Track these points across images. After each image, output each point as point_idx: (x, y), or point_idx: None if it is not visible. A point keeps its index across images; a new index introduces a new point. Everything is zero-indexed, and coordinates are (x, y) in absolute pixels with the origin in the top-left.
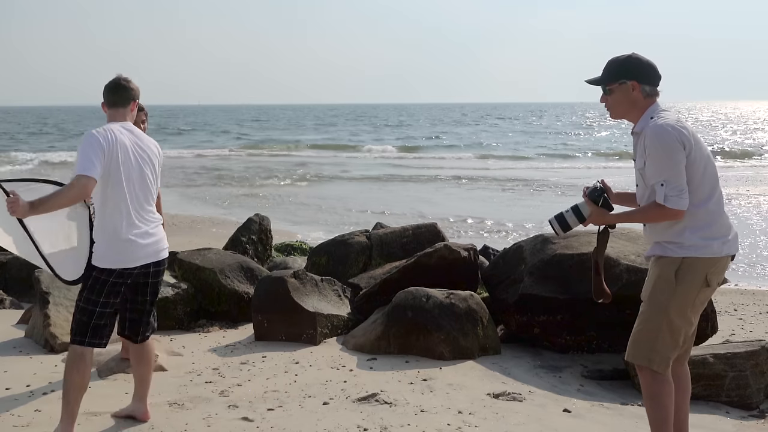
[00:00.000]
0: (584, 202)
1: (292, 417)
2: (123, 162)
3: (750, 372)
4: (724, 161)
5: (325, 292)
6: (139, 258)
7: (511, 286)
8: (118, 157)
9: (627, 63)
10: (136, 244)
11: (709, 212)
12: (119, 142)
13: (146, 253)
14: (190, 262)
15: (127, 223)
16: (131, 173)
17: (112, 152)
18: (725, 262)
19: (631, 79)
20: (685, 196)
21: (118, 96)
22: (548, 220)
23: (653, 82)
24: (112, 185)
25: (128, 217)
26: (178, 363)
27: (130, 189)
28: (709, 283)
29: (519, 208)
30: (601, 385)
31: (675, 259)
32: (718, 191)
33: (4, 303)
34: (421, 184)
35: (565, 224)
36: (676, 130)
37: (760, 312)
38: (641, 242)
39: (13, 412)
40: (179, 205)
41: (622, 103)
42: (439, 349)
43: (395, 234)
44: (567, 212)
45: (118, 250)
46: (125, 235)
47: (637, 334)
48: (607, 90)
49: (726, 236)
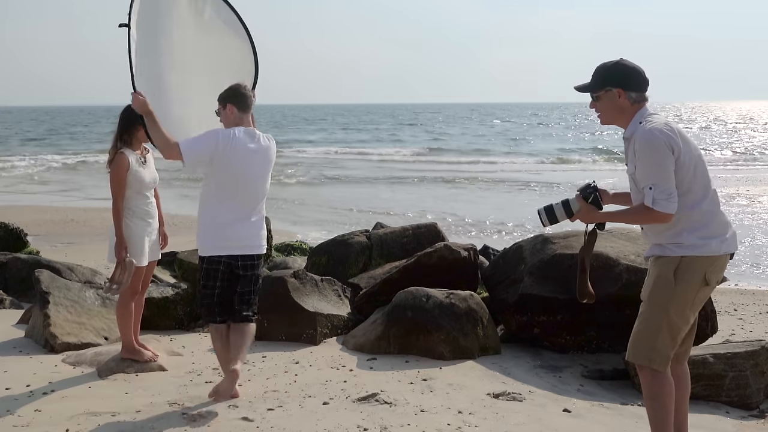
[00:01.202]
0: (575, 198)
1: (292, 417)
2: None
3: (750, 372)
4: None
5: (325, 292)
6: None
7: (511, 286)
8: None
9: (613, 70)
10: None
11: (704, 212)
12: (239, 141)
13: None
14: (190, 262)
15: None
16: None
17: (226, 149)
18: (724, 260)
19: (616, 87)
20: (673, 199)
21: (247, 104)
22: (537, 210)
23: (640, 89)
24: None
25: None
26: (178, 363)
27: (240, 187)
28: (708, 281)
29: (519, 208)
30: (601, 385)
31: (673, 258)
32: (712, 190)
33: (4, 303)
34: (421, 184)
35: (552, 216)
36: (664, 134)
37: (760, 312)
38: (641, 242)
39: (13, 412)
40: (179, 205)
41: (609, 110)
42: (439, 349)
43: (395, 234)
44: (556, 205)
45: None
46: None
47: (636, 334)
48: (595, 97)
49: (724, 234)
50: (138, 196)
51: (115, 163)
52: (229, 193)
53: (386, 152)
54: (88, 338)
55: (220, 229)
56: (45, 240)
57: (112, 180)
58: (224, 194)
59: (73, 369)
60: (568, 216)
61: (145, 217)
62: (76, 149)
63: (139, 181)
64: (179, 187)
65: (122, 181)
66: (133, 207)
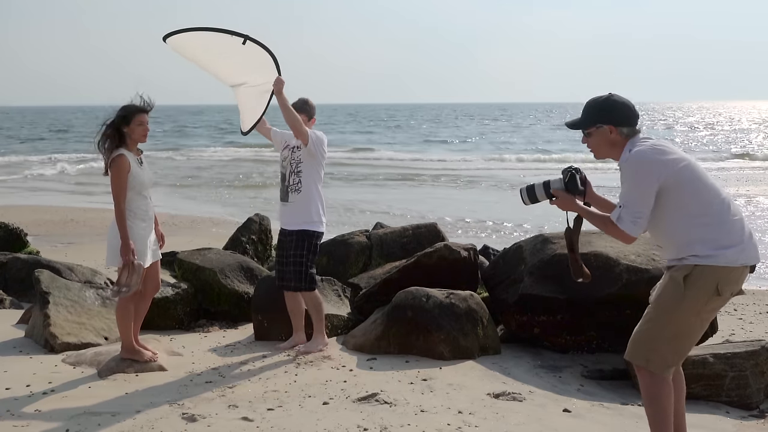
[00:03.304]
0: (557, 179)
1: (292, 417)
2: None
3: (750, 372)
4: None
5: (325, 292)
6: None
7: (511, 286)
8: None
9: (604, 106)
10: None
11: (713, 222)
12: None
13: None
14: (190, 262)
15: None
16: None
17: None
18: (740, 272)
19: (607, 124)
20: (639, 223)
21: (310, 114)
22: (519, 189)
23: (630, 123)
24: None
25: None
26: (178, 363)
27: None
28: (720, 292)
29: (519, 208)
30: (601, 385)
31: (687, 266)
32: (722, 200)
33: (4, 303)
34: (421, 184)
35: (533, 196)
36: (649, 157)
37: (760, 312)
38: (641, 242)
39: (13, 412)
40: (179, 205)
41: (601, 145)
42: (439, 349)
43: (395, 234)
44: (537, 185)
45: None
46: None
47: (637, 334)
48: (586, 133)
49: (740, 245)
50: (138, 197)
51: (116, 164)
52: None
53: (386, 152)
54: (88, 338)
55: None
56: (45, 240)
57: (114, 182)
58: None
59: (73, 369)
60: (548, 197)
61: (145, 218)
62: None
63: (140, 182)
64: (179, 187)
65: (124, 183)
66: (134, 208)
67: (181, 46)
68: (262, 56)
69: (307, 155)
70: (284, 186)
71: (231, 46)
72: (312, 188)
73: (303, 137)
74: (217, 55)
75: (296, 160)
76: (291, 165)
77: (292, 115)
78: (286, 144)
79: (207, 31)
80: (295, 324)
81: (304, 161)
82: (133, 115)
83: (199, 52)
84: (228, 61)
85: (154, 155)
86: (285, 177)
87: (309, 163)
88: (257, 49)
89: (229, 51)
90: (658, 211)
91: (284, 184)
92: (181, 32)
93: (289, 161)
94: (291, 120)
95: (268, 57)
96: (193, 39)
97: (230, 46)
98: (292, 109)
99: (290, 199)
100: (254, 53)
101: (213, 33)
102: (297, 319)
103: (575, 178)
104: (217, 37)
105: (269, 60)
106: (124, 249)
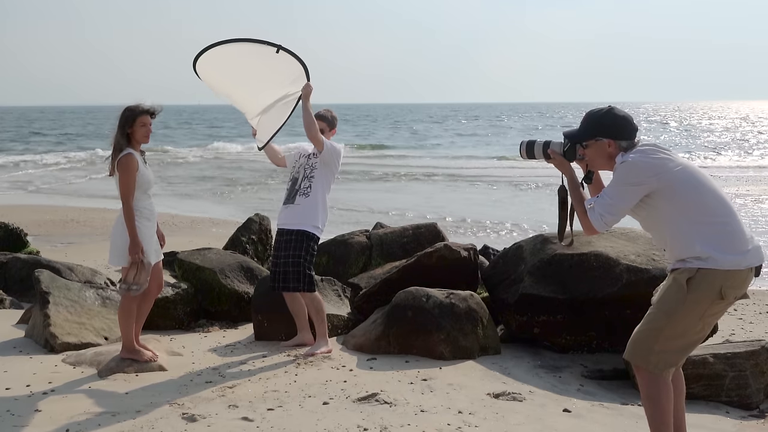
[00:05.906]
0: (558, 143)
1: (292, 417)
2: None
3: (750, 372)
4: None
5: (325, 292)
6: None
7: (511, 286)
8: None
9: (604, 120)
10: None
11: (715, 225)
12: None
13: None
14: (190, 262)
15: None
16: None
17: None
18: (744, 275)
19: (606, 137)
20: (607, 219)
21: (331, 124)
22: (520, 141)
23: (629, 137)
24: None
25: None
26: (178, 363)
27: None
28: (724, 296)
29: (519, 208)
30: (601, 385)
31: (691, 269)
32: (719, 204)
33: (4, 303)
34: (421, 184)
35: (531, 151)
36: (640, 161)
37: (760, 312)
38: (641, 242)
39: (13, 412)
40: (179, 205)
41: (598, 158)
42: (439, 349)
43: (395, 234)
44: (538, 142)
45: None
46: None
47: (637, 334)
48: (584, 145)
49: (744, 247)
50: (144, 197)
51: (125, 164)
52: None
53: (386, 152)
54: (88, 338)
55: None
56: (45, 240)
57: (122, 182)
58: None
59: (73, 369)
60: (545, 156)
61: (150, 217)
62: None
63: (146, 181)
64: (180, 186)
65: (133, 182)
66: (140, 208)
67: (210, 70)
68: (292, 66)
69: (323, 164)
70: (293, 189)
71: (263, 57)
72: (319, 195)
73: (317, 143)
74: (248, 71)
75: (311, 166)
76: (305, 170)
77: (311, 119)
78: (301, 154)
79: (238, 42)
80: (299, 324)
81: (318, 168)
82: (137, 116)
83: (230, 72)
84: (258, 78)
85: (154, 156)
86: (297, 180)
87: (322, 171)
88: (288, 59)
89: (259, 64)
90: (657, 214)
91: (294, 187)
92: (212, 47)
93: (303, 166)
94: (309, 124)
95: (298, 66)
96: (223, 56)
97: (262, 58)
98: (312, 116)
99: (297, 201)
100: (285, 64)
101: (244, 44)
102: (300, 319)
103: (574, 149)
104: (248, 48)
105: (300, 69)
106: (134, 248)
